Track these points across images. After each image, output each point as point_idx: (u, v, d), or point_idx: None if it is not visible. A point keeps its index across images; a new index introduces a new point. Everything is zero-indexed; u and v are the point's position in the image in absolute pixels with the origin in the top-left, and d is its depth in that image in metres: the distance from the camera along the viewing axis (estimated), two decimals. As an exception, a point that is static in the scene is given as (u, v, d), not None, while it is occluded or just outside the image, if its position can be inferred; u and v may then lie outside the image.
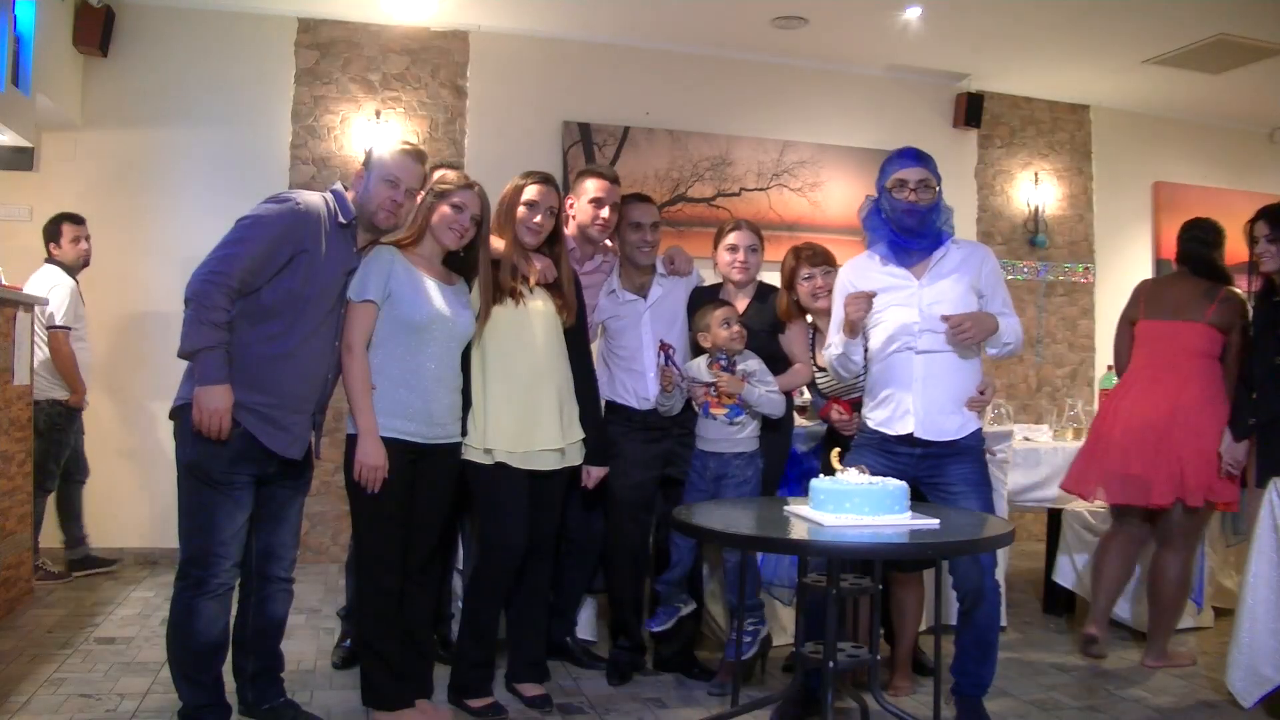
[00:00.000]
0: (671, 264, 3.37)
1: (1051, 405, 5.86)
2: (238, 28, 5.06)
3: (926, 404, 2.76)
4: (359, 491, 2.65)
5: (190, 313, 2.41)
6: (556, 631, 3.41)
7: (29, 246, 4.63)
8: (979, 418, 2.87)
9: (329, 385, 2.68)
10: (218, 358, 2.41)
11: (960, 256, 2.83)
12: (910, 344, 2.78)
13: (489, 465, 2.86)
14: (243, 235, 2.47)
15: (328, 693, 3.07)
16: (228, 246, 2.46)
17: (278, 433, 2.52)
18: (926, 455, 2.78)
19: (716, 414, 3.09)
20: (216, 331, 2.41)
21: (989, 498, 2.83)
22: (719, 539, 2.66)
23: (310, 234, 2.52)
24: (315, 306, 2.55)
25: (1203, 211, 3.79)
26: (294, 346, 2.53)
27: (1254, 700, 2.95)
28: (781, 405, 3.11)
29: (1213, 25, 5.10)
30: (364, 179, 2.66)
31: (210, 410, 2.40)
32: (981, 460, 2.86)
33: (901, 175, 2.78)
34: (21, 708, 2.85)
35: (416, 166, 2.69)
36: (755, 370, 3.10)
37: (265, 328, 2.50)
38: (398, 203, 2.65)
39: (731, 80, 5.80)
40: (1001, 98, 6.34)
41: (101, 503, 4.78)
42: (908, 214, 2.76)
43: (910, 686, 3.20)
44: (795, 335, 3.27)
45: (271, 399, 2.50)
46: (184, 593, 2.50)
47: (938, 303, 2.77)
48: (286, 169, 5.11)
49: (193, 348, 2.41)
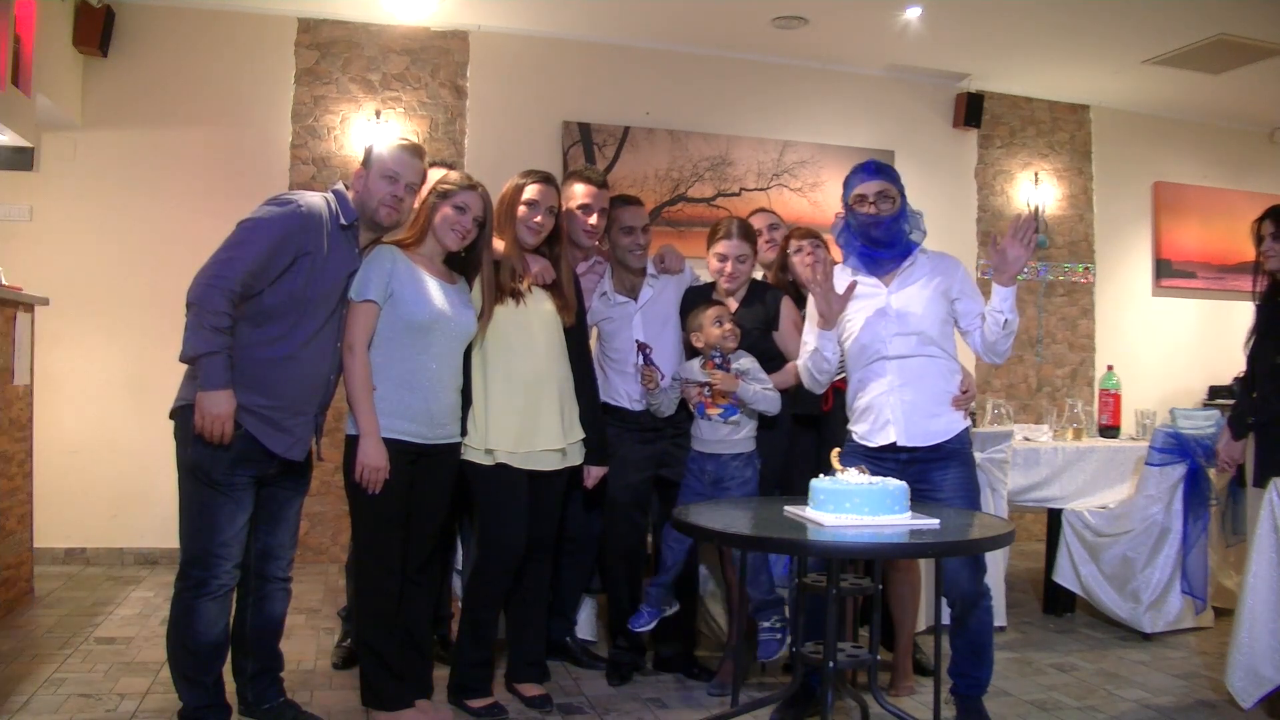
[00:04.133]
0: (662, 263, 3.37)
1: (1051, 405, 5.86)
2: (238, 28, 5.06)
3: (906, 409, 2.76)
4: (359, 492, 2.64)
5: (192, 317, 2.40)
6: (556, 631, 3.41)
7: (29, 246, 4.64)
8: (965, 417, 2.86)
9: (331, 387, 2.68)
10: (220, 363, 2.40)
11: (929, 265, 2.86)
12: (882, 350, 2.79)
13: (489, 466, 2.86)
14: (244, 238, 2.46)
15: (328, 693, 3.07)
16: (229, 250, 2.44)
17: (279, 435, 2.52)
18: (912, 461, 2.78)
19: (712, 414, 3.08)
20: (219, 336, 2.40)
21: (978, 503, 2.83)
22: (719, 539, 2.66)
23: (312, 236, 2.52)
24: (318, 308, 2.55)
25: (1202, 211, 3.78)
26: (296, 349, 2.52)
27: (1254, 700, 2.95)
28: (778, 402, 3.10)
29: (1213, 25, 5.10)
30: (363, 177, 2.66)
31: (213, 415, 2.39)
32: (969, 464, 2.85)
33: (860, 190, 2.83)
34: (21, 708, 2.85)
35: (415, 162, 2.69)
36: (750, 368, 3.10)
37: (267, 330, 2.49)
38: (399, 198, 2.65)
39: (731, 80, 5.80)
40: (1001, 98, 6.34)
41: (100, 503, 4.78)
42: (872, 226, 2.81)
43: (911, 686, 3.20)
44: (788, 333, 3.27)
45: (273, 401, 2.50)
46: (184, 593, 2.50)
47: (906, 307, 2.79)
48: (286, 169, 5.11)
49: (195, 352, 2.40)
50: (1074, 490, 4.07)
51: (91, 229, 4.82)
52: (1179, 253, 6.71)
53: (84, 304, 4.74)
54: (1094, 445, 4.18)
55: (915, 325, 2.78)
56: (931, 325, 2.79)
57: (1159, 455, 3.84)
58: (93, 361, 4.81)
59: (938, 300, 2.80)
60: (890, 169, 2.87)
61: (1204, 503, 3.85)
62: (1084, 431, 4.36)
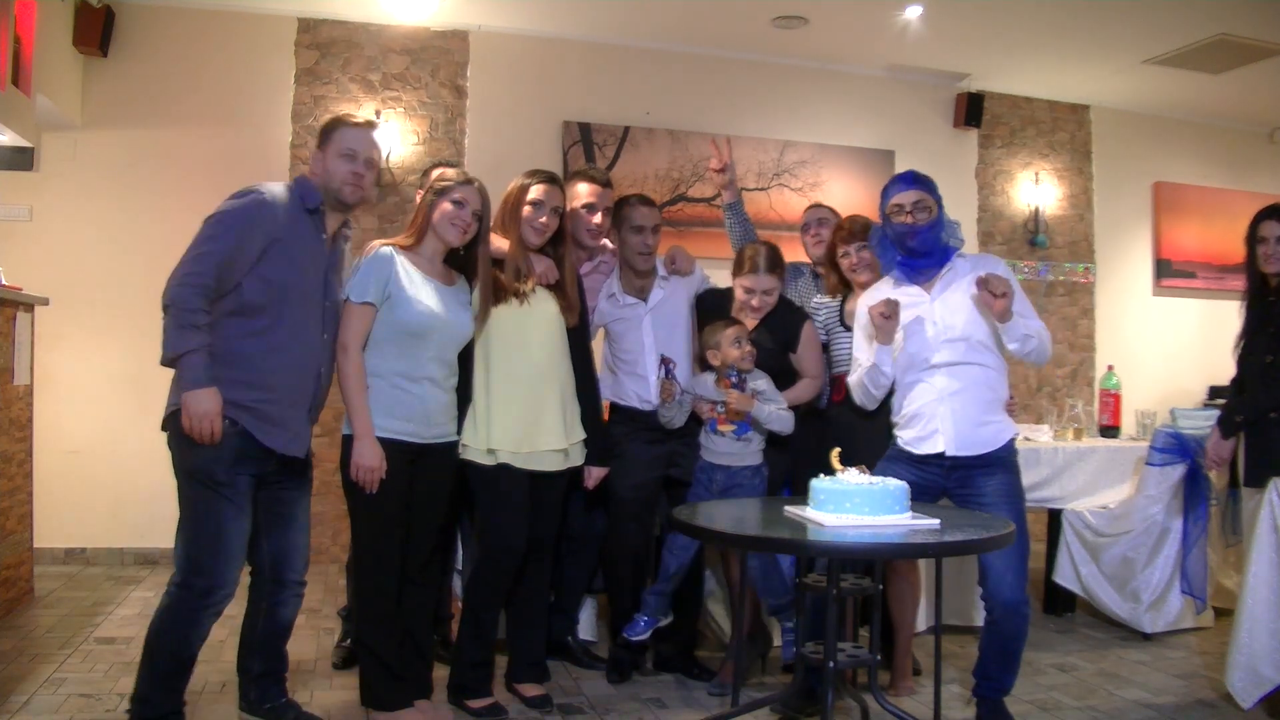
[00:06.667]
0: (673, 264, 3.35)
1: (1052, 405, 5.85)
2: (238, 28, 5.06)
3: (956, 418, 2.75)
4: (357, 492, 2.64)
5: (169, 318, 2.39)
6: (558, 631, 3.41)
7: (29, 246, 4.63)
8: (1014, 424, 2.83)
9: (323, 381, 2.66)
10: (200, 360, 2.38)
11: (969, 267, 2.85)
12: (929, 359, 2.79)
13: (491, 466, 2.86)
14: (212, 233, 2.44)
15: (328, 693, 3.07)
16: (199, 246, 2.42)
17: (275, 429, 2.50)
18: (956, 467, 2.78)
19: (724, 430, 3.09)
20: (198, 334, 2.38)
21: (1021, 509, 2.79)
22: (719, 539, 2.66)
23: (279, 222, 2.50)
24: (298, 296, 2.53)
25: (1202, 211, 3.77)
26: (282, 339, 2.51)
27: (1254, 700, 2.95)
28: (790, 423, 3.09)
29: (1213, 25, 5.10)
30: (321, 159, 2.63)
31: (200, 414, 2.37)
32: (1013, 471, 2.82)
33: (898, 200, 2.83)
34: (21, 708, 2.85)
35: (369, 136, 2.67)
36: (765, 389, 3.09)
37: (251, 323, 2.47)
38: (360, 175, 2.61)
39: (731, 80, 5.80)
40: (1001, 98, 6.34)
41: (100, 503, 4.78)
42: (908, 235, 2.82)
43: (911, 685, 3.20)
44: (806, 355, 3.25)
45: (265, 394, 2.48)
46: (187, 602, 2.44)
47: (950, 313, 2.79)
48: (287, 169, 5.11)
49: (175, 353, 2.38)
50: (1074, 490, 4.07)
51: (91, 229, 4.82)
52: (1179, 253, 6.71)
53: (84, 304, 4.74)
54: (1094, 445, 4.18)
55: (961, 331, 2.78)
56: (977, 329, 2.78)
57: (1159, 455, 3.84)
58: (93, 361, 4.81)
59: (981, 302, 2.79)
60: (928, 179, 2.86)
61: (1204, 503, 3.84)
62: (1084, 431, 4.36)
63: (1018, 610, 2.72)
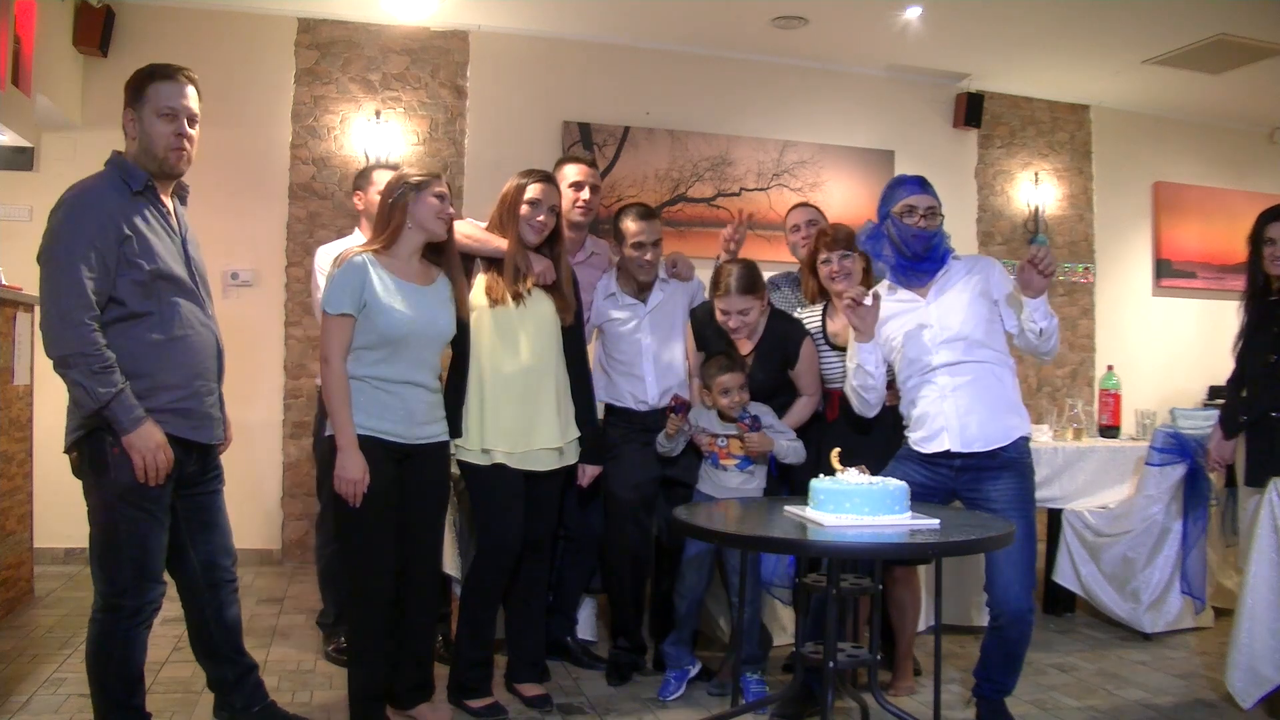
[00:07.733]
0: (674, 268, 3.37)
1: (1051, 405, 5.85)
2: (237, 28, 5.06)
3: (960, 415, 2.73)
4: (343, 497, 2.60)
5: (77, 370, 2.22)
6: (557, 631, 3.41)
7: (29, 246, 4.60)
8: (1027, 422, 2.80)
9: (220, 361, 2.56)
10: (128, 398, 2.25)
11: (964, 268, 2.85)
12: (929, 361, 2.78)
13: (486, 466, 2.86)
14: (59, 260, 2.27)
15: (327, 692, 3.07)
16: (56, 280, 2.26)
17: (200, 423, 2.44)
18: (965, 468, 2.76)
19: (727, 465, 3.09)
20: (113, 372, 2.24)
21: (1031, 517, 2.76)
22: (719, 539, 2.66)
23: (116, 216, 2.32)
24: (171, 283, 2.39)
25: (1202, 211, 3.77)
26: (175, 329, 2.39)
27: (1254, 700, 2.95)
28: (803, 452, 3.09)
29: (1213, 25, 5.10)
30: (135, 122, 2.40)
31: (151, 450, 2.27)
32: (1025, 475, 2.77)
33: (911, 202, 2.82)
34: (21, 708, 2.85)
35: (186, 87, 2.43)
36: (771, 423, 3.09)
37: (137, 325, 2.34)
38: (184, 136, 2.41)
39: (731, 80, 5.80)
40: (1001, 98, 6.34)
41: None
42: (916, 239, 2.81)
43: (911, 686, 3.20)
44: (804, 372, 3.23)
45: (178, 391, 2.39)
46: (120, 624, 2.36)
47: (947, 315, 2.79)
48: (286, 169, 5.11)
49: (101, 401, 2.22)
50: (1074, 490, 4.06)
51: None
52: (1179, 253, 6.72)
53: (84, 304, 4.73)
54: (1094, 445, 4.17)
55: (958, 330, 2.77)
56: (976, 328, 2.77)
57: (1159, 455, 3.84)
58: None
59: (978, 301, 2.78)
60: (933, 187, 2.87)
61: (1204, 503, 3.84)
62: (1084, 431, 4.35)
63: (1024, 618, 2.71)
